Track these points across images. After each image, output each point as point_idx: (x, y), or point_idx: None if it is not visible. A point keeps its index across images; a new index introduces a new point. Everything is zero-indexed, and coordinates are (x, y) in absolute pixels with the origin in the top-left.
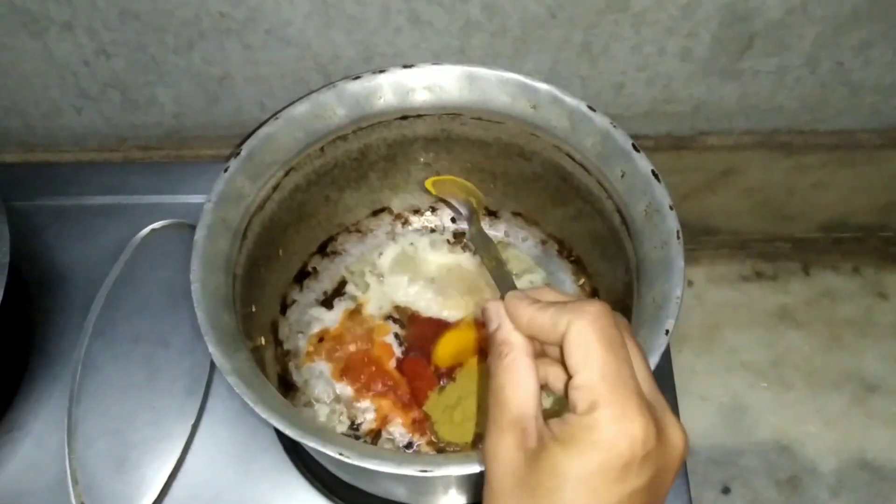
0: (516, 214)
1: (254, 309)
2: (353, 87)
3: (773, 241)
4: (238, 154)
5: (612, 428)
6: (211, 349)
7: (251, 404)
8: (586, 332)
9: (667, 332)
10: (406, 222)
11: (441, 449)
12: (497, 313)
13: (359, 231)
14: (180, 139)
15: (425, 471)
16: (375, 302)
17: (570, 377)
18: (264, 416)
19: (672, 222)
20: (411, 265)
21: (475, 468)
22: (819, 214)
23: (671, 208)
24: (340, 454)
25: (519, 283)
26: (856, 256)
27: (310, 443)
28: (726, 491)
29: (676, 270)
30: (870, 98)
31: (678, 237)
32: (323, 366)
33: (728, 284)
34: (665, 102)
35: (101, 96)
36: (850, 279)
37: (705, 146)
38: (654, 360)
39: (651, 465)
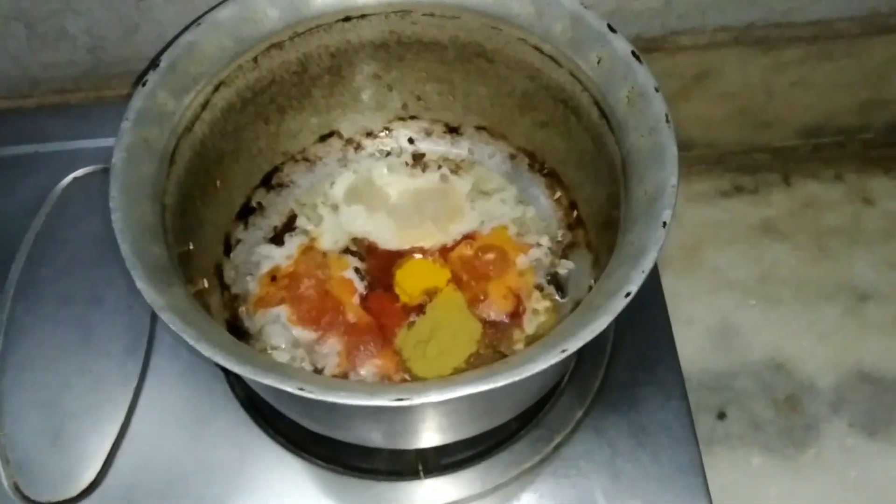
0: (480, 129)
1: (191, 247)
2: None
3: (750, 151)
4: (157, 65)
5: None
6: (139, 284)
7: (192, 342)
8: None
9: (664, 224)
10: (359, 147)
11: None
12: None
13: (306, 160)
14: (99, 78)
15: (401, 399)
16: (330, 235)
17: None
18: (208, 354)
19: (659, 105)
20: (368, 193)
21: (458, 393)
22: (798, 118)
23: (657, 90)
24: (301, 389)
25: (489, 203)
26: (837, 162)
27: (264, 380)
28: (722, 416)
29: (669, 157)
30: None
31: (667, 120)
32: (278, 309)
33: (707, 201)
34: None
35: (4, 31)
36: (833, 186)
37: (678, 47)
38: (651, 258)
39: None
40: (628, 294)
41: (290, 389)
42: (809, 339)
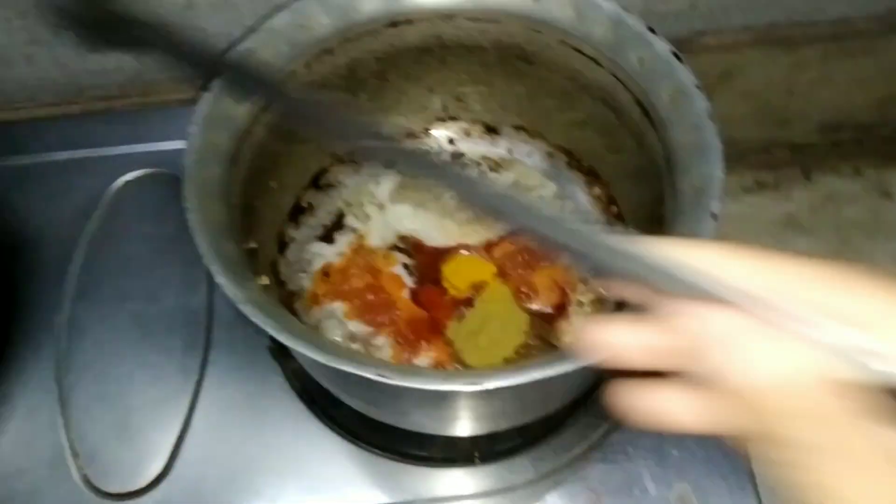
0: (518, 128)
1: (253, 245)
2: None
3: (771, 148)
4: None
5: None
6: (219, 279)
7: (274, 333)
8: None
9: (713, 215)
10: None
11: None
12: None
13: (352, 160)
14: (144, 84)
15: (474, 383)
16: (378, 233)
17: None
18: (291, 344)
19: (701, 102)
20: (413, 192)
21: (529, 377)
22: (818, 115)
23: (698, 88)
24: (380, 375)
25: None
26: (856, 158)
27: (346, 367)
28: None
29: (714, 151)
30: None
31: (710, 117)
32: (333, 305)
33: (730, 197)
34: (660, 0)
35: (54, 39)
36: (853, 181)
37: (703, 47)
38: None
39: None
40: None
41: (369, 376)
42: None
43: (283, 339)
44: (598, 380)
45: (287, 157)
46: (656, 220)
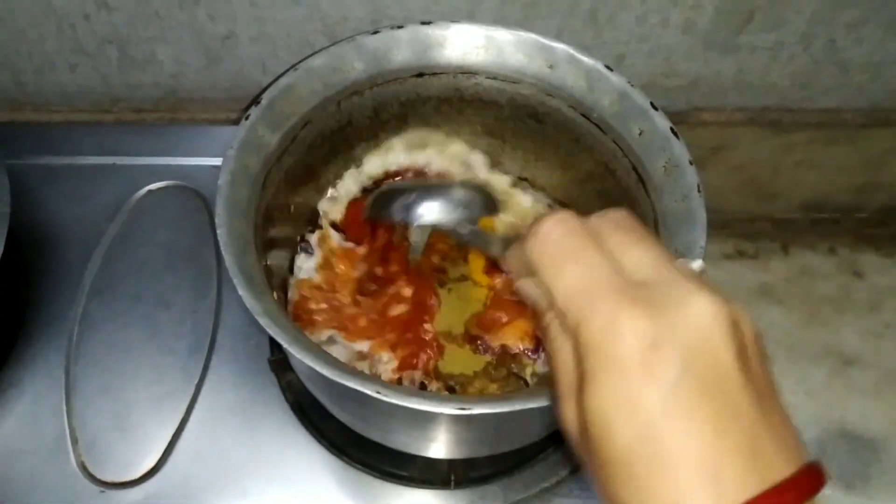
0: (522, 179)
1: (269, 262)
2: (372, 41)
3: (754, 220)
4: (259, 102)
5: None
6: (241, 292)
7: (285, 345)
8: (540, 254)
9: None
10: None
11: (452, 388)
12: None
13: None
14: (176, 101)
15: (463, 408)
16: None
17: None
18: (300, 356)
19: (692, 177)
20: None
21: (512, 407)
22: (800, 194)
23: (691, 163)
24: (378, 392)
25: None
26: (833, 237)
27: (347, 382)
28: None
29: (699, 221)
30: (858, 77)
31: (699, 190)
32: (331, 332)
33: (711, 262)
34: (664, 76)
35: (99, 52)
36: (827, 258)
37: (699, 122)
38: None
39: (671, 349)
40: None
41: (369, 392)
42: (797, 396)
43: (292, 350)
44: None
45: (307, 184)
46: None
